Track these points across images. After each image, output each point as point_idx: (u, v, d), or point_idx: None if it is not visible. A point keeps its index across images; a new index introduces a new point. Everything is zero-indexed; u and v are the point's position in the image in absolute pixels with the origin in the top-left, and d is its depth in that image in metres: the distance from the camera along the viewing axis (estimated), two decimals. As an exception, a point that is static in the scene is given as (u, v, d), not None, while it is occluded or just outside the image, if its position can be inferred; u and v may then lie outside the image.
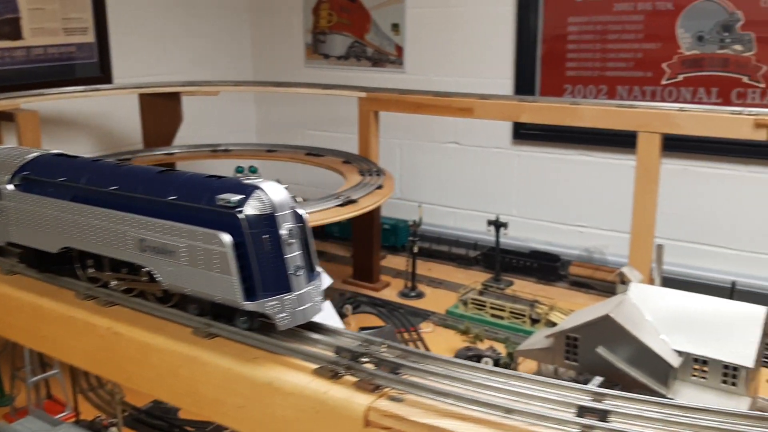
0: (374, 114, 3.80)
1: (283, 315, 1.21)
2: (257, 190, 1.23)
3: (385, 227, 4.19)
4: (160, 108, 4.07)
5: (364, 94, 3.79)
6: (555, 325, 3.02)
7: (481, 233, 3.97)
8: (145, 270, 1.35)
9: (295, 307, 1.22)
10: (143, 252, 1.33)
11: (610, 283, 3.41)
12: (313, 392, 1.12)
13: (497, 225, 3.75)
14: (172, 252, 1.27)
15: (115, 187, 1.41)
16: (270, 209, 1.22)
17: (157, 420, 2.63)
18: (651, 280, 3.08)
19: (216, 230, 1.20)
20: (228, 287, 1.21)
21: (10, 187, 1.57)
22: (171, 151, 4.04)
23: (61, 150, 1.65)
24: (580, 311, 2.85)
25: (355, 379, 1.13)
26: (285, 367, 1.19)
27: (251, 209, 1.21)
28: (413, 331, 3.29)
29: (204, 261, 1.23)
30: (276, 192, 1.25)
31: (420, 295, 3.68)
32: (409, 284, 3.71)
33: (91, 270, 1.49)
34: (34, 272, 1.60)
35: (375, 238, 3.76)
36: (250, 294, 1.20)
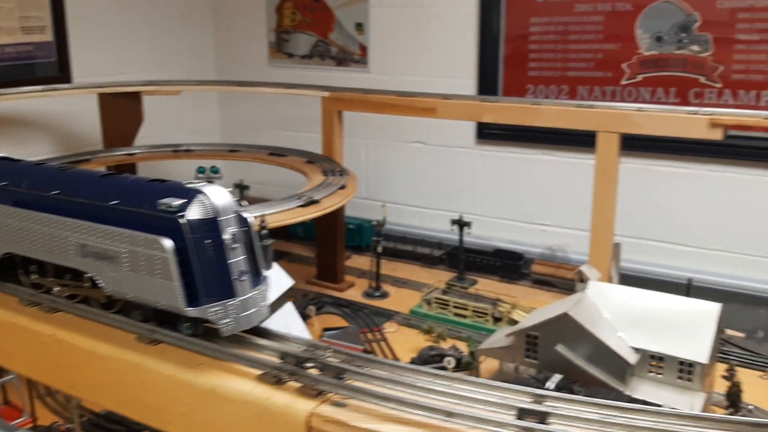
0: (338, 114, 3.79)
1: (226, 321, 1.20)
2: (199, 195, 1.22)
3: (350, 227, 4.19)
4: (121, 108, 4.01)
5: (327, 94, 3.78)
6: (517, 323, 3.04)
7: (446, 232, 3.98)
8: (87, 276, 1.33)
9: (239, 312, 1.21)
10: (85, 258, 1.31)
11: (571, 281, 3.45)
12: (256, 398, 1.11)
13: (461, 224, 3.77)
14: (114, 257, 1.25)
15: (57, 192, 1.38)
16: (213, 213, 1.21)
17: (115, 425, 2.59)
18: (610, 278, 3.12)
19: (157, 235, 1.19)
20: (170, 293, 1.19)
21: (-50, 192, 1.53)
22: (132, 152, 3.98)
23: (17, 151, 1.62)
24: (540, 309, 2.87)
25: (298, 385, 1.12)
26: (229, 374, 1.18)
27: (193, 214, 1.20)
28: (377, 331, 3.28)
29: (146, 267, 1.21)
30: (219, 196, 1.23)
31: (384, 295, 3.68)
32: (374, 284, 3.71)
33: (35, 276, 1.46)
34: (-24, 279, 1.57)
35: (339, 238, 3.75)
36: (192, 300, 1.19)
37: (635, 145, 3.53)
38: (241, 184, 4.35)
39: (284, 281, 2.94)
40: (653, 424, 0.98)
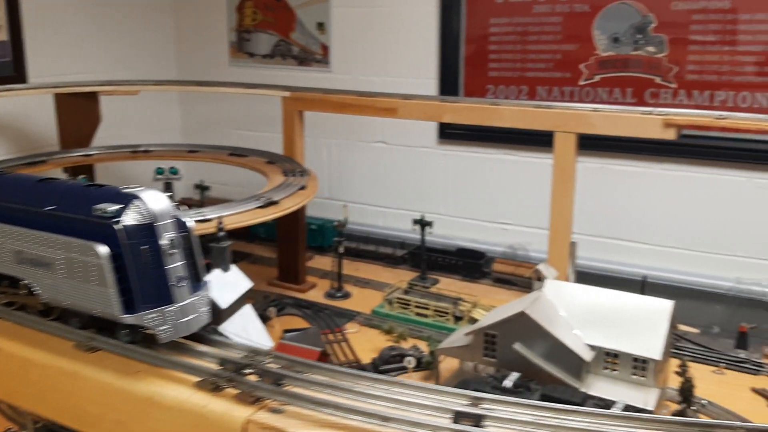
0: (299, 114, 3.76)
1: (164, 327, 1.19)
2: (136, 200, 1.20)
3: (312, 227, 4.17)
4: (77, 108, 3.94)
5: (287, 94, 3.76)
6: (477, 322, 3.06)
7: (409, 232, 3.99)
8: (23, 283, 1.30)
9: (177, 318, 1.20)
10: (21, 264, 1.28)
11: (531, 280, 3.48)
12: (193, 406, 1.10)
13: (422, 224, 3.78)
14: (50, 264, 1.23)
15: (-8, 197, 1.35)
16: (149, 219, 1.19)
17: (71, 429, 2.55)
18: (566, 276, 3.16)
19: (93, 241, 1.17)
20: (106, 300, 1.17)
21: None
22: (89, 153, 3.91)
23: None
24: (498, 308, 2.89)
25: (236, 392, 1.11)
26: (166, 381, 1.17)
27: (129, 219, 1.18)
28: (338, 332, 3.28)
29: (81, 273, 1.19)
30: (156, 201, 1.22)
31: (346, 296, 3.67)
32: (336, 285, 3.70)
33: (-28, 283, 1.43)
34: None
35: (300, 239, 3.73)
36: (129, 307, 1.17)
37: (594, 144, 3.57)
38: (202, 184, 4.30)
39: (242, 283, 2.92)
40: (585, 424, 0.99)
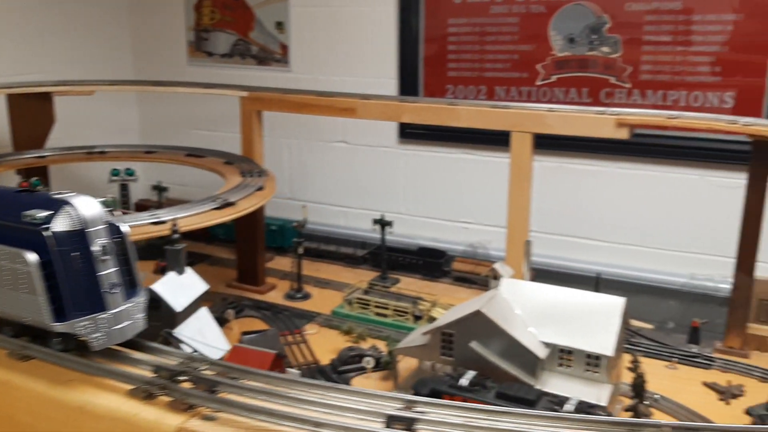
0: (257, 114, 3.73)
1: (97, 335, 1.17)
2: (66, 206, 1.18)
3: (272, 228, 4.14)
4: (31, 109, 3.85)
5: (245, 94, 3.72)
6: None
7: (371, 232, 3.99)
8: (-47, 291, 1.27)
9: (111, 326, 1.18)
10: (-51, 272, 1.24)
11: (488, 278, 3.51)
12: (125, 414, 1.09)
13: (382, 224, 3.78)
14: (-21, 272, 1.20)
15: None
16: (80, 225, 1.17)
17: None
18: (522, 274, 3.19)
19: (21, 249, 1.14)
20: (36, 308, 1.15)
21: None
22: (42, 154, 3.84)
23: None
24: (456, 307, 2.91)
25: (169, 399, 1.10)
26: (99, 389, 1.15)
27: (59, 226, 1.16)
28: (297, 334, 3.26)
29: (11, 281, 1.17)
30: (88, 207, 1.19)
31: (306, 297, 3.65)
32: (295, 286, 3.68)
33: None
34: None
35: (259, 240, 3.70)
36: (60, 314, 1.15)
37: (551, 144, 3.61)
38: (160, 185, 4.25)
39: (198, 286, 2.89)
40: (517, 426, 1.00)
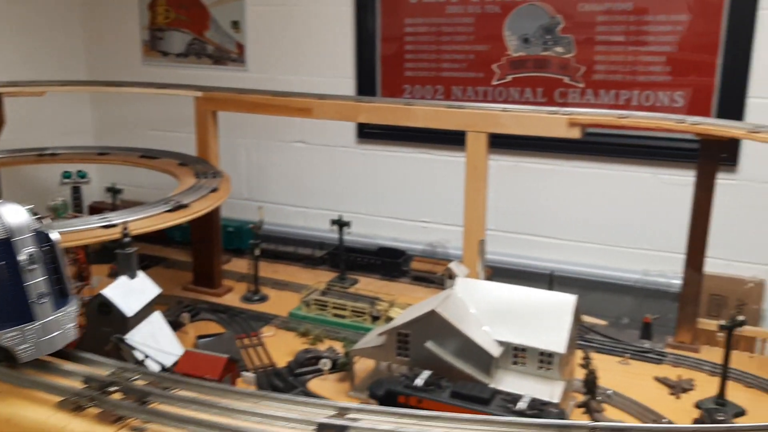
0: (212, 114, 3.70)
1: (25, 346, 1.14)
2: (-10, 215, 1.15)
3: (229, 230, 4.11)
4: (-22, 110, 3.76)
5: (199, 94, 3.68)
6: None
7: (330, 232, 3.98)
8: None
9: (39, 336, 1.15)
10: None
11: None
12: (52, 427, 1.06)
13: (340, 224, 3.77)
14: None
15: None
16: (5, 234, 1.14)
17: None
18: (477, 274, 3.21)
19: (-57, 259, 1.11)
20: (-41, 320, 1.12)
21: None
22: (-10, 157, 3.75)
23: None
24: (412, 307, 2.92)
25: (98, 411, 1.08)
26: (27, 402, 1.12)
27: (-17, 235, 1.13)
28: (254, 336, 3.24)
29: (-66, 293, 1.13)
30: (13, 214, 1.16)
31: (263, 299, 3.63)
32: (252, 288, 3.66)
33: None
34: None
35: (215, 242, 3.66)
36: (-15, 326, 1.12)
37: (508, 143, 3.64)
38: (114, 187, 4.18)
39: (150, 290, 2.85)
40: (445, 430, 1.00)
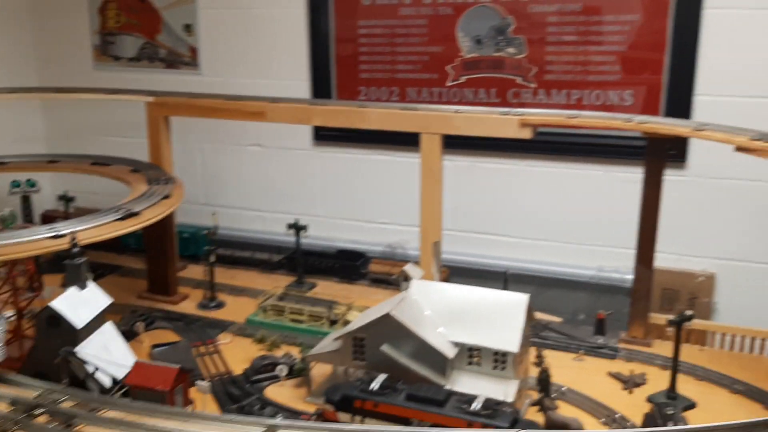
0: (164, 119, 3.65)
1: (-56, 371, 1.11)
2: None
3: (184, 236, 4.06)
4: None
5: (151, 99, 3.63)
6: (350, 324, 3.07)
7: (288, 236, 3.96)
8: None
9: (-40, 360, 1.13)
10: None
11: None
12: (-27, 454, 1.04)
13: (297, 228, 3.76)
14: None
15: None
16: None
17: None
18: (431, 275, 3.22)
19: None
20: None
21: None
22: (-65, 167, 3.65)
23: None
24: (367, 311, 2.93)
25: (22, 436, 1.06)
26: (-51, 428, 1.09)
27: None
28: (210, 344, 3.21)
29: None
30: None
31: (220, 305, 3.60)
32: (209, 295, 3.62)
33: None
34: None
35: (169, 249, 3.62)
36: None
37: (464, 143, 3.66)
38: (66, 195, 4.10)
39: (101, 300, 2.80)
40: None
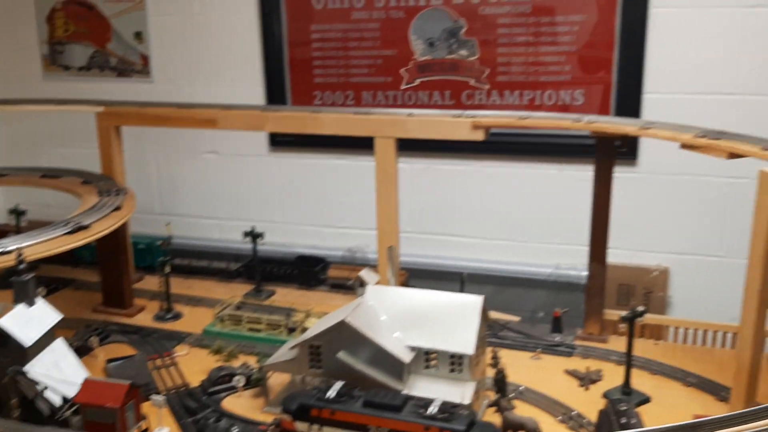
0: (115, 129, 3.59)
1: None
2: None
3: (140, 247, 3.99)
4: None
5: (101, 109, 3.57)
6: (307, 332, 3.05)
7: (246, 243, 3.92)
8: None
9: None
10: None
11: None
12: None
13: (253, 236, 3.72)
14: None
15: None
16: None
17: None
18: (387, 280, 3.22)
19: None
20: None
21: None
22: None
23: None
24: (323, 318, 2.91)
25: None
26: None
27: None
28: (167, 357, 3.16)
29: None
30: None
31: (177, 317, 3.54)
32: (165, 306, 3.57)
33: None
34: None
35: (123, 261, 3.55)
36: None
37: (419, 146, 3.64)
38: (17, 209, 4.01)
39: (50, 317, 2.74)
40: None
